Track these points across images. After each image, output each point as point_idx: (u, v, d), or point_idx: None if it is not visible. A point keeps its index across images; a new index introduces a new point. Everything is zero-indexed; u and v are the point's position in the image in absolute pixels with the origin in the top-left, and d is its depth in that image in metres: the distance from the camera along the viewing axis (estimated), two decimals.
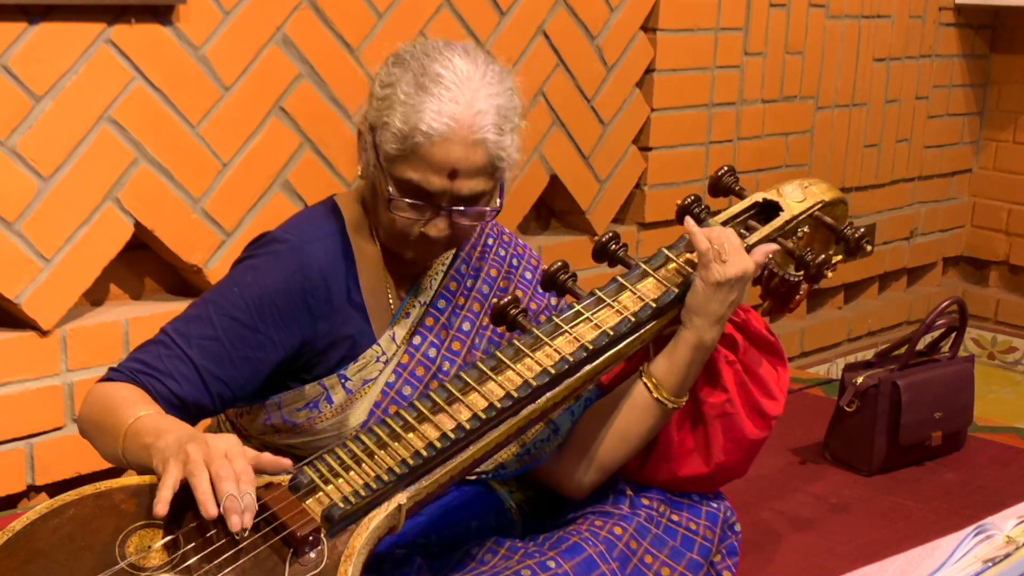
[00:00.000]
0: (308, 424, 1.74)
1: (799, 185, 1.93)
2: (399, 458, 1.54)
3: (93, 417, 1.62)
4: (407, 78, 1.65)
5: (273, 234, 1.74)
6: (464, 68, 1.66)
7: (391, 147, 1.65)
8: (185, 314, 1.69)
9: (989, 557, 1.55)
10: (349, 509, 1.48)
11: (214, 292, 1.71)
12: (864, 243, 1.88)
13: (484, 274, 1.87)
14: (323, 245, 1.73)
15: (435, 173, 1.64)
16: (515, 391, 1.61)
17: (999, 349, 4.52)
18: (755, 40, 3.60)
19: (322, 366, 1.74)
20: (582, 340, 1.69)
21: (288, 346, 1.70)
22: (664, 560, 1.78)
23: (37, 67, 2.27)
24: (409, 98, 1.63)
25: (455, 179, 1.65)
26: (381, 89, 1.67)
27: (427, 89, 1.63)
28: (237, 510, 1.39)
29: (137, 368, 1.63)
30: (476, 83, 1.65)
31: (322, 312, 1.71)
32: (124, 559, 1.40)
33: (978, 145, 4.57)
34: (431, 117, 1.62)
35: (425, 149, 1.63)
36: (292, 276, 1.68)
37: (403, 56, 1.69)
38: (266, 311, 1.67)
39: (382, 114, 1.66)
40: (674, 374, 1.78)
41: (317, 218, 1.79)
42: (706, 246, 1.74)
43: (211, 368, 1.64)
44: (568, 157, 3.20)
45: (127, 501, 1.46)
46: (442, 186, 1.65)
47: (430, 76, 1.64)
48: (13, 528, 1.41)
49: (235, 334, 1.66)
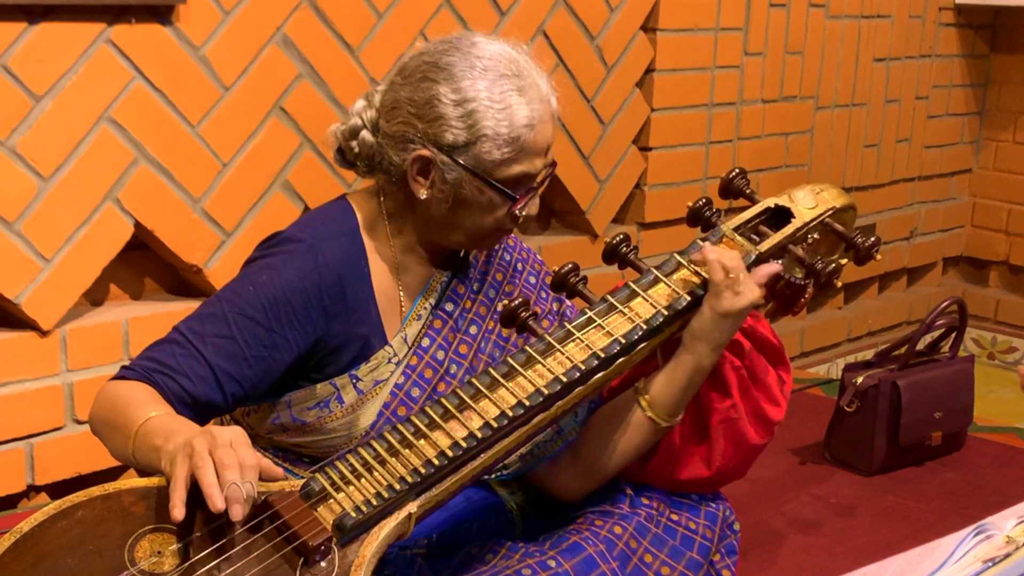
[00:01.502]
0: (318, 423, 1.74)
1: (811, 191, 1.92)
2: (411, 467, 1.53)
3: (104, 415, 1.61)
4: (480, 84, 1.65)
5: (287, 233, 1.74)
6: (506, 51, 1.70)
7: (498, 154, 1.66)
8: (199, 312, 1.69)
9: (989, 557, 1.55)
10: (361, 518, 1.48)
11: (228, 291, 1.70)
12: (874, 252, 1.88)
13: (490, 278, 1.87)
14: (338, 244, 1.72)
15: (539, 156, 1.71)
16: (527, 399, 1.61)
17: (999, 349, 4.52)
18: (755, 40, 3.60)
19: (334, 366, 1.73)
20: (594, 348, 1.67)
21: (303, 345, 1.69)
22: (664, 559, 1.79)
23: (37, 67, 2.27)
24: (497, 102, 1.65)
25: (548, 152, 1.72)
26: (456, 108, 1.65)
27: (505, 86, 1.66)
28: (239, 499, 1.38)
29: (150, 366, 1.63)
30: (523, 60, 1.70)
31: (336, 312, 1.71)
32: (133, 564, 1.39)
33: (978, 145, 4.57)
34: (528, 109, 1.66)
35: (530, 140, 1.68)
36: (308, 275, 1.68)
37: (443, 67, 1.68)
38: (282, 310, 1.66)
39: (474, 129, 1.65)
40: (670, 395, 1.77)
41: (331, 217, 1.78)
42: (721, 276, 1.72)
43: (225, 367, 1.64)
44: (568, 157, 3.20)
45: (136, 504, 1.45)
46: (543, 164, 1.72)
47: (498, 72, 1.66)
48: (21, 529, 1.39)
49: (250, 333, 1.65)
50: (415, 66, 1.71)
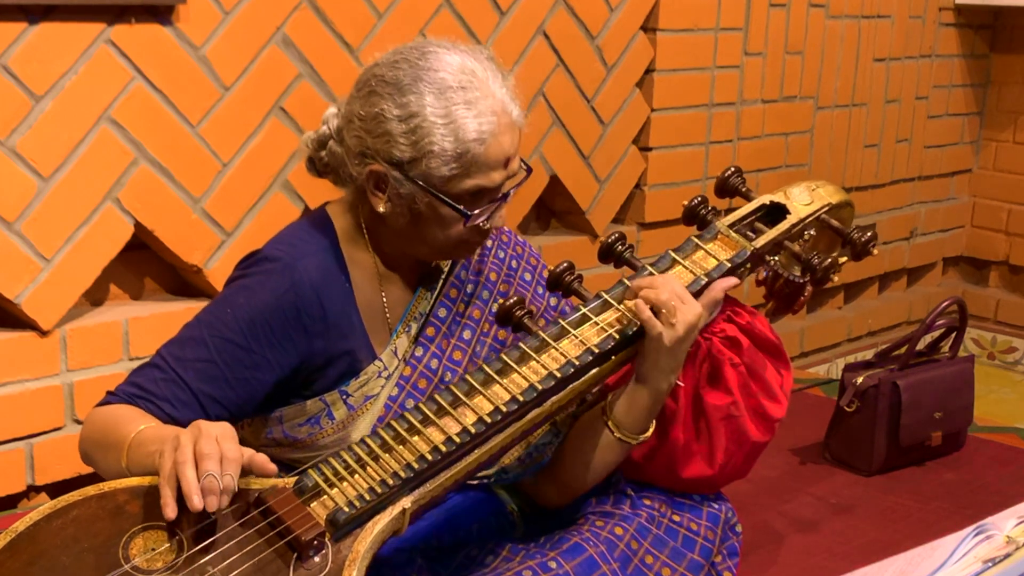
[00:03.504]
0: (310, 440, 1.73)
1: (806, 187, 1.92)
2: (404, 462, 1.53)
3: (94, 437, 1.61)
4: (426, 99, 1.61)
5: (264, 252, 1.71)
6: (458, 60, 1.64)
7: (446, 170, 1.62)
8: (179, 336, 1.68)
9: (989, 557, 1.55)
10: (354, 513, 1.48)
11: (207, 313, 1.69)
12: (870, 247, 1.87)
13: (484, 278, 1.86)
14: (316, 260, 1.70)
15: (495, 169, 1.65)
16: (520, 395, 1.60)
17: (999, 349, 4.52)
18: (755, 40, 3.60)
19: (321, 382, 1.72)
20: (588, 344, 1.67)
21: (284, 365, 1.68)
22: (665, 561, 1.78)
23: (37, 67, 2.27)
24: (443, 116, 1.61)
25: (509, 164, 1.67)
26: (401, 124, 1.62)
27: (452, 99, 1.61)
28: (215, 491, 1.38)
29: (133, 392, 1.63)
30: (480, 68, 1.65)
31: (317, 330, 1.69)
32: (128, 561, 1.40)
33: (978, 145, 4.57)
34: (476, 123, 1.61)
35: (481, 154, 1.62)
36: (284, 295, 1.66)
37: (390, 81, 1.64)
38: (259, 331, 1.65)
39: (419, 145, 1.61)
40: (633, 417, 1.75)
41: (308, 232, 1.75)
42: (647, 315, 1.66)
43: (207, 390, 1.63)
44: (568, 157, 3.20)
45: (131, 502, 1.46)
46: (501, 177, 1.67)
47: (445, 85, 1.61)
48: (16, 529, 1.40)
49: (230, 355, 1.64)
50: (366, 79, 1.68)
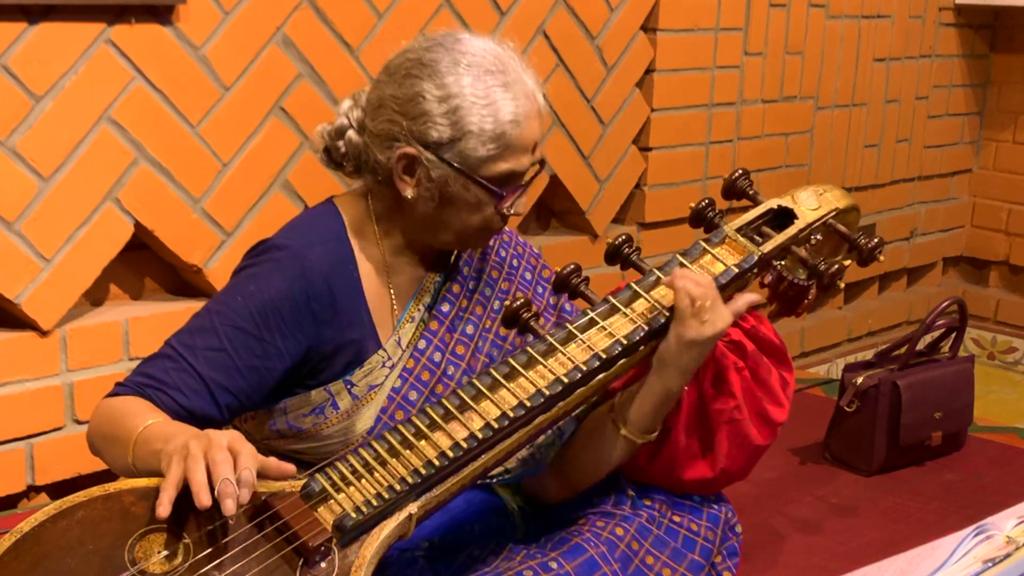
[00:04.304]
0: (314, 430, 1.74)
1: (814, 192, 1.91)
2: (412, 467, 1.53)
3: (101, 430, 1.61)
4: (464, 80, 1.64)
5: (273, 241, 1.73)
6: (491, 46, 1.68)
7: (483, 151, 1.65)
8: (189, 325, 1.68)
9: (989, 557, 1.55)
10: (361, 519, 1.48)
11: (217, 302, 1.69)
12: (877, 253, 1.87)
13: (486, 276, 1.86)
14: (324, 250, 1.72)
15: (524, 153, 1.69)
16: (528, 400, 1.60)
17: (999, 349, 4.52)
18: (755, 40, 3.60)
19: (327, 372, 1.73)
20: (596, 349, 1.66)
21: (294, 353, 1.69)
22: (665, 561, 1.78)
23: (37, 67, 2.27)
24: (483, 97, 1.64)
25: (535, 150, 1.71)
26: (440, 104, 1.64)
27: (489, 82, 1.64)
28: (232, 494, 1.37)
29: (143, 382, 1.63)
30: (505, 55, 1.68)
31: (326, 318, 1.70)
32: (133, 564, 1.39)
33: (978, 145, 4.57)
34: (513, 105, 1.65)
35: (517, 136, 1.66)
36: (295, 283, 1.67)
37: (427, 64, 1.66)
38: (271, 319, 1.66)
39: (459, 125, 1.64)
40: (642, 417, 1.76)
41: (317, 222, 1.77)
42: (686, 303, 1.68)
43: (218, 379, 1.63)
44: (568, 157, 3.20)
45: (136, 504, 1.45)
46: (529, 161, 1.70)
47: (483, 68, 1.65)
48: (21, 530, 1.39)
49: (241, 344, 1.65)
50: (400, 63, 1.70)
